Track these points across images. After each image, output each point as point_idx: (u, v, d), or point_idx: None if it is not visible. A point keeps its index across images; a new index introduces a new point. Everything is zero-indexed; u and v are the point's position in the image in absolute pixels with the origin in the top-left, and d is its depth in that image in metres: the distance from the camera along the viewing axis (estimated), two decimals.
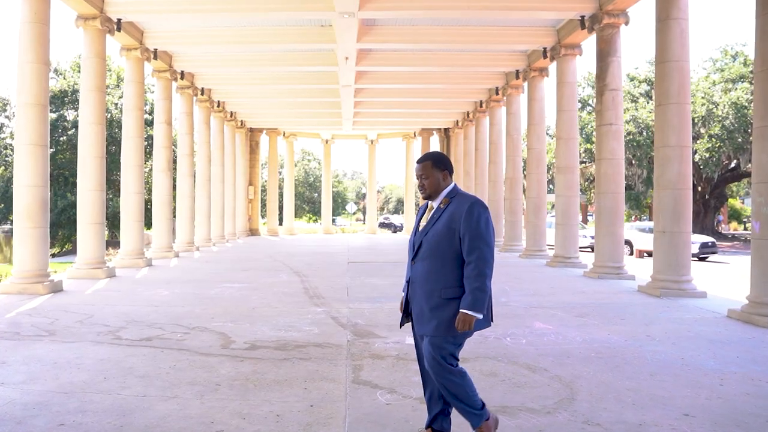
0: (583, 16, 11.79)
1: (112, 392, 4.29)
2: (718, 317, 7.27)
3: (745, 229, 52.74)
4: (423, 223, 3.28)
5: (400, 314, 3.43)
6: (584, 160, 32.43)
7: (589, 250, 21.41)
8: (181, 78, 17.07)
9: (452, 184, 3.27)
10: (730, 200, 46.66)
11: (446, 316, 3.09)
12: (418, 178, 3.27)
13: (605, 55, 11.49)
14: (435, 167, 3.24)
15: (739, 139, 29.83)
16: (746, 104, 29.86)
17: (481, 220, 3.07)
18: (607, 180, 11.41)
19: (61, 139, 30.02)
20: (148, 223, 18.61)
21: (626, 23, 11.30)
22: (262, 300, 8.60)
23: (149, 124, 23.25)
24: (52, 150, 30.03)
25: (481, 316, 3.05)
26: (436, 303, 3.11)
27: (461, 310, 3.04)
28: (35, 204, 9.47)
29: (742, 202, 60.25)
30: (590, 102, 35.49)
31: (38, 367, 4.95)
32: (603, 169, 11.44)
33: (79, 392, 4.28)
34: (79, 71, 26.95)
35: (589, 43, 13.00)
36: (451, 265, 3.10)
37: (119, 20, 12.10)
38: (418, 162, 3.30)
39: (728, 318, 7.18)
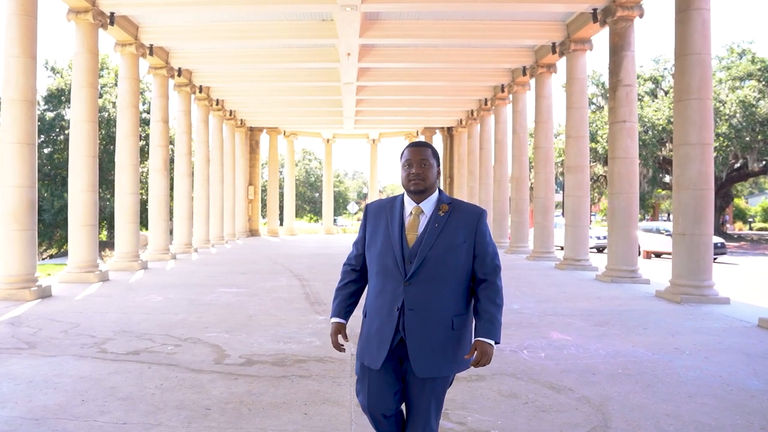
0: (595, 9, 11.32)
1: (89, 418, 3.83)
2: (749, 327, 6.79)
3: (750, 229, 52.25)
4: (410, 231, 2.54)
5: (347, 352, 2.75)
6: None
7: (595, 251, 20.94)
8: (179, 75, 16.61)
9: (438, 188, 2.67)
10: (734, 200, 46.13)
11: (459, 351, 2.53)
12: (413, 165, 2.53)
13: (618, 49, 11.01)
14: (434, 158, 2.58)
15: (747, 138, 29.30)
16: (753, 102, 29.40)
17: (490, 234, 2.62)
18: (621, 180, 10.93)
19: (59, 138, 29.52)
20: (145, 224, 18.16)
21: (641, 16, 10.81)
22: (260, 307, 8.14)
23: (146, 123, 22.77)
24: (49, 149, 29.67)
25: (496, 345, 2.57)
26: (447, 335, 2.49)
27: (482, 340, 2.47)
28: (22, 205, 9.00)
29: (746, 202, 59.75)
30: (594, 100, 35.02)
31: (11, 386, 4.48)
32: (616, 169, 10.96)
33: (52, 418, 3.81)
34: None
35: (599, 38, 12.53)
36: (462, 287, 2.55)
37: (112, 14, 11.64)
38: (415, 145, 2.59)
39: (760, 328, 6.70)
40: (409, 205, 2.58)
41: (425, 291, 2.48)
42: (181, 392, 4.37)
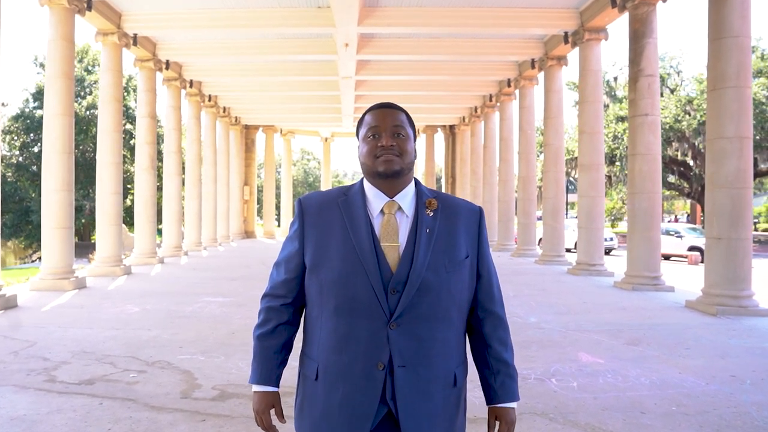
0: None
1: None
2: None
3: (756, 230, 51.41)
4: (386, 240, 1.61)
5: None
6: None
7: None
8: (167, 68, 15.70)
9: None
10: None
11: (459, 414, 1.70)
12: (382, 134, 1.62)
13: (640, 36, 10.12)
14: (411, 126, 1.70)
15: (757, 137, 28.38)
16: (764, 100, 28.53)
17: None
18: (642, 178, 10.03)
19: None
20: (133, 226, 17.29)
21: (664, 0, 9.94)
22: (245, 320, 7.23)
23: (133, 119, 21.88)
24: (38, 148, 28.72)
25: None
26: (448, 397, 1.64)
27: (508, 406, 1.72)
28: None
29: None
30: None
31: None
32: (638, 166, 10.07)
33: None
34: None
35: (615, 27, 11.65)
36: (464, 323, 1.72)
37: None
38: (383, 107, 1.67)
39: None
40: (377, 199, 1.65)
41: (421, 336, 1.59)
42: None
